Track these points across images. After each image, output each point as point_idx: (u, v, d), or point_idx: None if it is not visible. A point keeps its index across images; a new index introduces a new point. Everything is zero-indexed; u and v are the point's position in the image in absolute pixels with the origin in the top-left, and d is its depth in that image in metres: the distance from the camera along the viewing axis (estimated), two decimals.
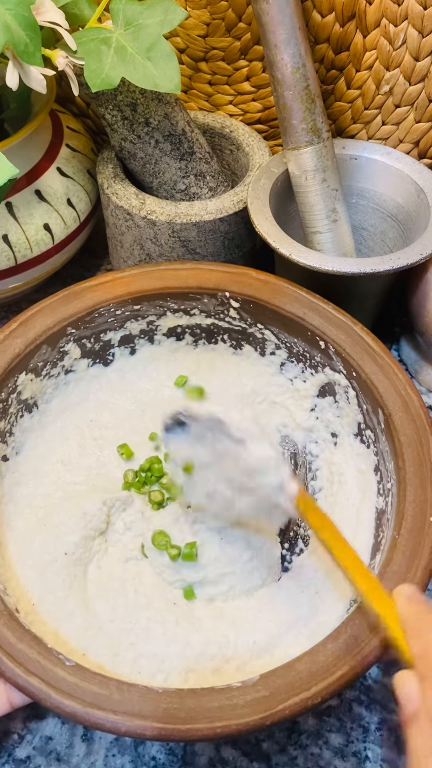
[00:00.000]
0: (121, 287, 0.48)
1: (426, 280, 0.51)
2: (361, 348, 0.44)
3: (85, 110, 0.65)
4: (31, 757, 0.41)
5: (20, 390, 0.45)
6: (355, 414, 0.45)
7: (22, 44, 0.41)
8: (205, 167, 0.55)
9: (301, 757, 0.41)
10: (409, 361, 0.58)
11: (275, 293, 0.47)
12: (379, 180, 0.55)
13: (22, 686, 0.33)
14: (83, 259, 0.64)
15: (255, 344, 0.50)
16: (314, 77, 0.48)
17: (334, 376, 0.46)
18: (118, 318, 0.48)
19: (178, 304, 0.49)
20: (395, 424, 0.41)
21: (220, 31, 0.55)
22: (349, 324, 0.45)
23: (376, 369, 0.43)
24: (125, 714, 0.32)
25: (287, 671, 0.33)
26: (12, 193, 0.52)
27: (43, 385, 0.47)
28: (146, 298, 0.48)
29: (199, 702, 0.33)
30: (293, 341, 0.48)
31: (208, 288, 0.48)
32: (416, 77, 0.53)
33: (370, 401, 0.43)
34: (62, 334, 0.46)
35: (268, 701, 0.32)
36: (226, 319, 0.49)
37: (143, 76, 0.44)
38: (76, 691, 0.33)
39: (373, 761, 0.41)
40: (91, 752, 0.41)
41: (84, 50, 0.43)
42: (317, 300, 0.46)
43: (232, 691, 0.33)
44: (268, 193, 0.51)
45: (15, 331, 0.45)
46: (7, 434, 0.45)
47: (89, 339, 0.48)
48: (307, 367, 0.48)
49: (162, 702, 0.33)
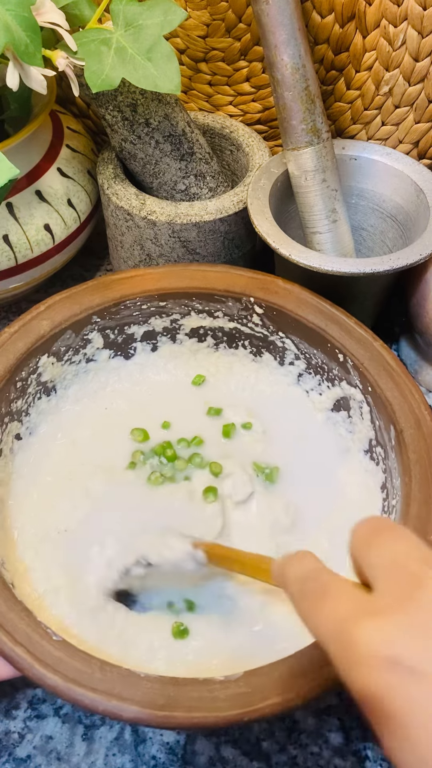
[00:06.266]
0: (150, 282, 0.48)
1: (426, 280, 0.51)
2: (379, 364, 0.44)
3: (86, 111, 0.65)
4: (31, 756, 0.41)
5: (41, 372, 0.46)
6: (367, 430, 0.45)
7: (23, 45, 0.41)
8: (205, 168, 0.55)
9: (301, 756, 0.41)
10: (409, 361, 0.58)
11: (299, 303, 0.47)
12: (379, 180, 0.55)
13: (6, 654, 0.34)
14: (83, 259, 0.64)
15: (275, 353, 0.50)
16: (314, 78, 0.48)
17: (350, 391, 0.46)
18: (143, 312, 0.49)
19: (203, 305, 0.49)
20: (406, 441, 0.41)
21: (220, 32, 0.55)
22: (369, 339, 0.45)
23: (392, 386, 0.43)
24: (104, 693, 0.33)
25: (271, 670, 0.34)
26: (12, 194, 0.52)
27: (64, 371, 0.48)
28: (172, 295, 0.49)
29: (179, 691, 0.33)
30: (313, 352, 0.48)
31: (235, 292, 0.48)
32: (416, 78, 0.53)
33: (383, 417, 0.43)
34: (87, 321, 0.47)
35: (248, 697, 0.33)
36: (248, 324, 0.50)
37: (143, 77, 0.44)
38: (59, 666, 0.33)
39: (373, 761, 0.41)
40: (92, 751, 0.41)
41: (84, 51, 0.44)
42: (339, 313, 0.46)
43: (214, 684, 0.33)
44: (268, 193, 0.51)
45: (42, 313, 0.46)
46: (23, 414, 0.46)
47: (113, 330, 0.49)
48: (324, 380, 0.48)
49: (142, 686, 0.33)
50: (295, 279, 0.48)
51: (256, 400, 0.50)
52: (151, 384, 0.51)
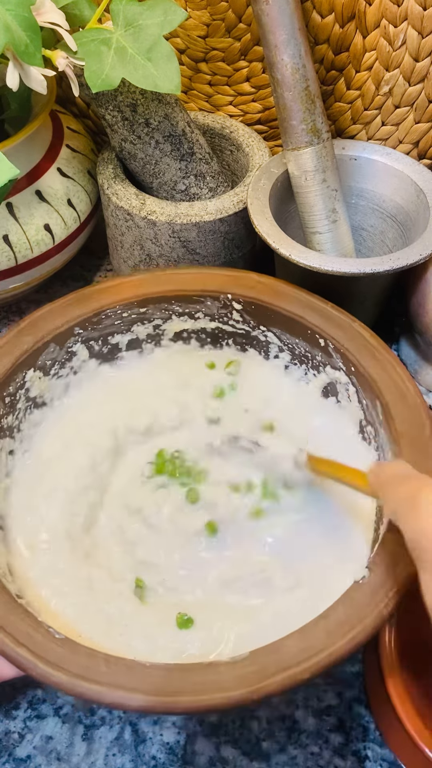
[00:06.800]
0: (128, 290, 0.48)
1: (426, 280, 0.51)
2: (359, 343, 0.45)
3: (86, 111, 0.65)
4: (31, 757, 0.41)
5: (28, 387, 0.46)
6: (356, 411, 0.45)
7: (23, 45, 0.41)
8: (205, 168, 0.55)
9: (301, 756, 0.41)
10: (409, 361, 0.58)
11: (276, 294, 0.47)
12: (379, 180, 0.55)
13: (9, 656, 0.34)
14: (83, 259, 0.64)
15: (259, 348, 0.50)
16: (314, 78, 0.48)
17: (335, 374, 0.46)
18: (124, 320, 0.49)
19: (182, 308, 0.49)
20: (392, 414, 0.41)
21: (220, 32, 0.55)
22: (347, 321, 0.46)
23: (374, 363, 0.44)
24: (110, 685, 0.33)
25: (277, 648, 0.34)
26: (12, 194, 0.52)
27: (52, 384, 0.48)
28: (151, 300, 0.49)
29: (185, 676, 0.33)
30: (295, 342, 0.48)
31: (211, 290, 0.48)
32: (416, 78, 0.53)
33: (369, 395, 0.43)
34: (70, 333, 0.47)
35: (255, 676, 0.33)
36: (229, 322, 0.50)
37: (143, 77, 0.44)
38: (63, 662, 0.33)
39: (373, 761, 0.41)
40: (92, 751, 0.41)
41: (84, 51, 0.44)
42: (316, 300, 0.47)
43: (220, 666, 0.33)
44: (268, 193, 0.51)
45: (24, 329, 0.46)
46: (15, 429, 0.46)
47: (97, 341, 0.49)
48: (309, 368, 0.48)
49: (148, 675, 0.33)
50: (295, 279, 0.48)
51: (254, 398, 0.50)
52: (143, 391, 0.50)
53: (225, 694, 0.32)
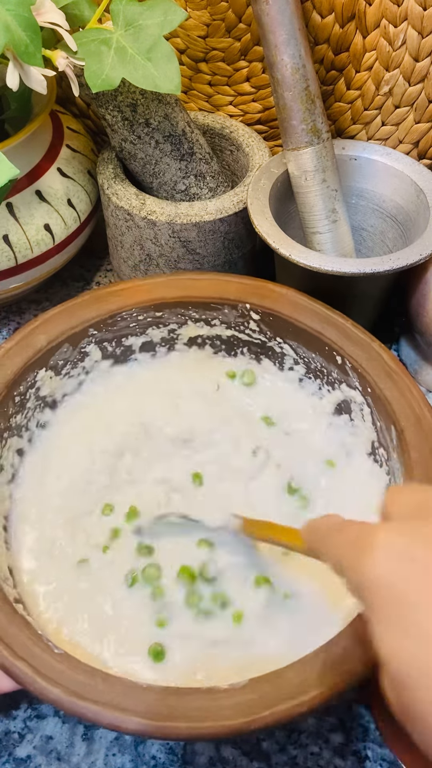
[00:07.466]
0: (143, 294, 0.48)
1: (426, 280, 0.51)
2: (378, 364, 0.44)
3: (86, 111, 0.65)
4: (31, 757, 0.41)
5: (39, 386, 0.46)
6: (369, 432, 0.45)
7: (23, 45, 0.41)
8: (205, 168, 0.55)
9: (301, 756, 0.41)
10: (409, 361, 0.58)
11: (295, 307, 0.47)
12: (379, 180, 0.55)
13: (8, 669, 0.33)
14: (83, 259, 0.64)
15: (274, 358, 0.50)
16: (314, 78, 0.48)
17: (350, 393, 0.46)
18: (140, 323, 0.49)
19: (199, 314, 0.49)
20: (407, 440, 0.41)
21: (221, 32, 0.55)
22: (366, 340, 0.45)
23: (391, 385, 0.43)
24: (107, 705, 0.32)
25: (277, 677, 0.33)
26: (12, 194, 0.52)
27: (63, 384, 0.48)
28: (168, 305, 0.49)
29: (182, 701, 0.33)
30: (311, 356, 0.48)
31: (229, 299, 0.48)
32: (416, 78, 0.53)
33: (384, 418, 0.43)
34: (84, 334, 0.47)
35: (254, 705, 0.32)
36: (246, 331, 0.49)
37: (143, 77, 0.44)
38: (61, 679, 0.33)
39: (373, 761, 0.41)
40: (92, 751, 0.41)
41: (84, 51, 0.44)
42: (335, 315, 0.46)
43: (218, 693, 0.33)
44: (268, 193, 0.51)
45: (38, 327, 0.46)
46: (23, 428, 0.46)
47: (110, 342, 0.49)
48: (324, 383, 0.48)
49: (145, 697, 0.33)
50: (295, 279, 0.48)
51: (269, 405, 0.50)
52: (153, 394, 0.50)
53: (222, 722, 0.32)
